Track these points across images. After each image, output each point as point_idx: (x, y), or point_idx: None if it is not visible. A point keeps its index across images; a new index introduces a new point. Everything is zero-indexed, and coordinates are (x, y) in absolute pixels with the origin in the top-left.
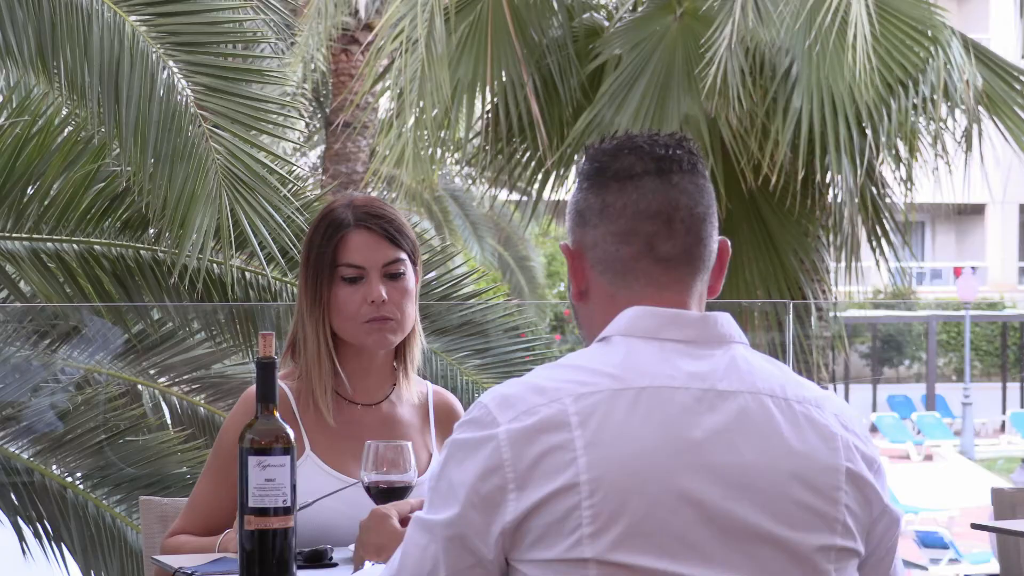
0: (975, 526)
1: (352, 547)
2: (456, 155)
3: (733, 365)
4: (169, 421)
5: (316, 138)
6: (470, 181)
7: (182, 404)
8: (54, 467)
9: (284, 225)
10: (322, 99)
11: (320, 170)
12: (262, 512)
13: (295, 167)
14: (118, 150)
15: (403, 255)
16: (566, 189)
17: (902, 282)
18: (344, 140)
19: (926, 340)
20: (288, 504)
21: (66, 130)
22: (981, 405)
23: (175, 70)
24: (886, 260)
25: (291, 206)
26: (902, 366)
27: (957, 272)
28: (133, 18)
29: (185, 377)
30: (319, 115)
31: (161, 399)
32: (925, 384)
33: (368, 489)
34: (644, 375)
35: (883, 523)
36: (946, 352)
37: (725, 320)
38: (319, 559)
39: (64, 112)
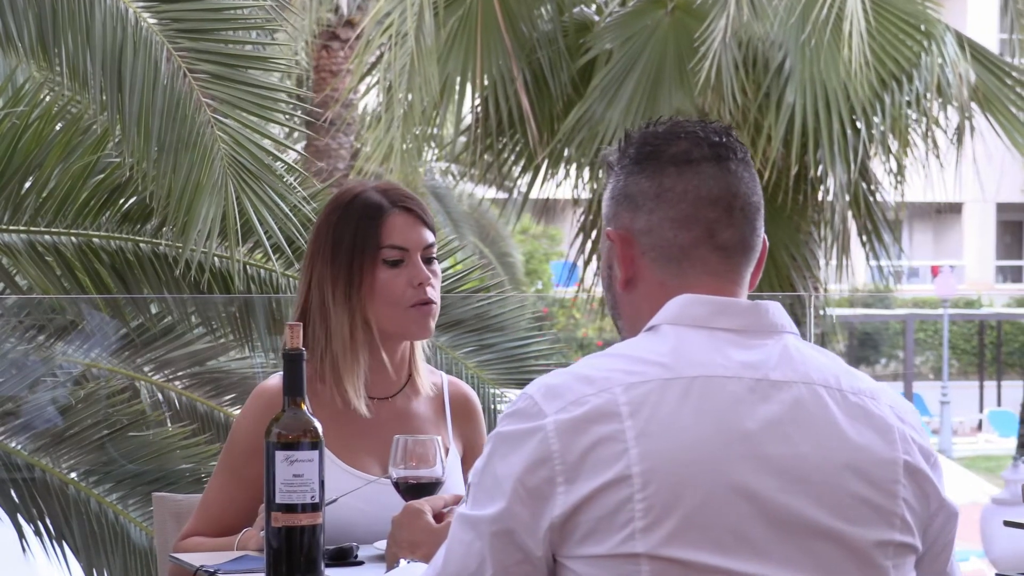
0: (1008, 523)
1: (377, 544)
2: (445, 150)
3: (786, 355)
4: (168, 416)
5: (296, 135)
6: (451, 177)
7: (181, 399)
8: (51, 463)
9: (291, 215)
10: (302, 95)
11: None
12: (289, 508)
13: (301, 154)
14: (120, 139)
15: (434, 239)
16: (555, 184)
17: (894, 281)
18: (326, 137)
19: (903, 338)
20: (316, 500)
21: (61, 121)
22: (958, 404)
23: (179, 57)
24: (876, 258)
25: (297, 195)
26: (879, 364)
27: (935, 271)
28: (136, 4)
29: (181, 373)
30: (299, 111)
31: (159, 394)
32: (902, 382)
33: (396, 484)
34: (695, 364)
35: (941, 518)
36: (923, 351)
37: (776, 309)
38: (344, 557)
39: (63, 101)
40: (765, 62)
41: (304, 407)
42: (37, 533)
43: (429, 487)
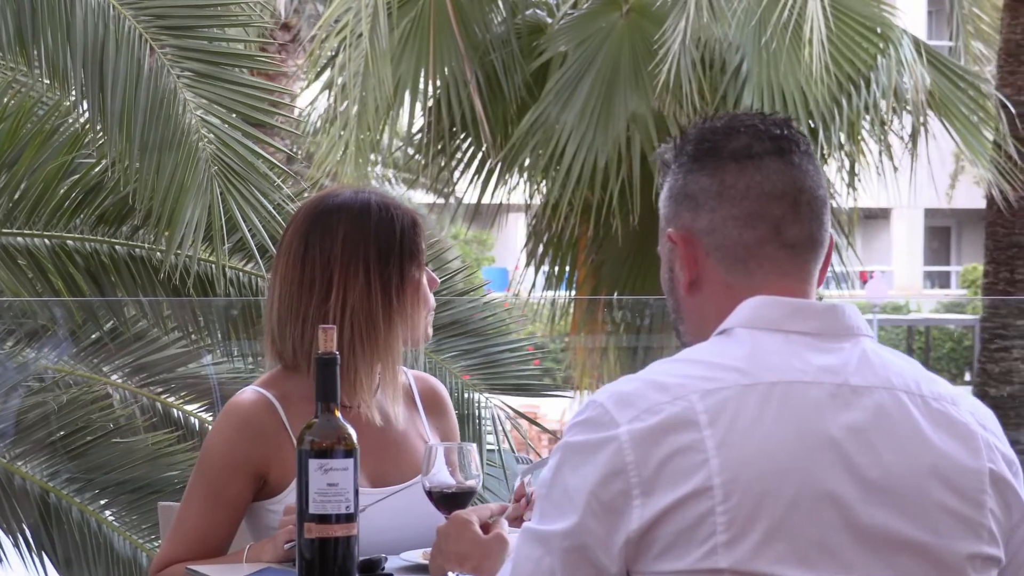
0: None
1: (404, 555)
2: (397, 153)
3: (865, 359)
4: (142, 422)
5: None
6: (389, 183)
7: (156, 405)
8: (30, 470)
9: (276, 214)
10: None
11: None
12: (323, 519)
13: (288, 152)
14: (102, 139)
15: None
16: (508, 189)
17: (848, 286)
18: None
19: None
20: (351, 510)
21: (33, 120)
22: None
23: (162, 55)
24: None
25: (282, 194)
26: None
27: (863, 276)
28: (117, 0)
29: (155, 379)
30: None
31: (134, 400)
32: None
33: (430, 494)
34: (773, 369)
35: None
36: None
37: (852, 311)
38: (372, 569)
39: (31, 103)
40: (722, 64)
41: (338, 413)
42: (16, 545)
43: (464, 497)
